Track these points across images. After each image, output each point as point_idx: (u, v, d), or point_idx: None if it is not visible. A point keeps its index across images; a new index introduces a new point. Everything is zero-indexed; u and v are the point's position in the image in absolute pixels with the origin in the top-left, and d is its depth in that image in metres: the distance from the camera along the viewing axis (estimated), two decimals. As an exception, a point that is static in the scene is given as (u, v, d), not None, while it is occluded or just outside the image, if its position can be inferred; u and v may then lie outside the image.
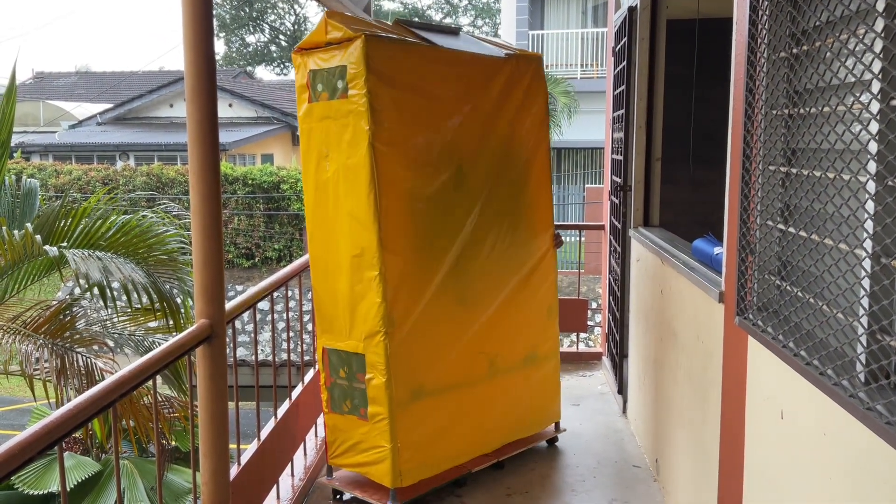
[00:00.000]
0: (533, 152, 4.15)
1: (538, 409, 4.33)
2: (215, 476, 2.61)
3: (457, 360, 3.74)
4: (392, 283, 3.37)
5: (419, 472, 3.57)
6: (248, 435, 3.38)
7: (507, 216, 3.99)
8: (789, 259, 2.20)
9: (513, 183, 4.05)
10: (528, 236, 4.13)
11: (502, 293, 3.95)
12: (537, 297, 4.18)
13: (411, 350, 3.48)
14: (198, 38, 2.39)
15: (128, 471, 6.13)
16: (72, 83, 32.16)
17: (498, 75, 3.89)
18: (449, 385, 3.71)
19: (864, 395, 1.66)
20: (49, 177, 18.46)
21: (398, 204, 3.44)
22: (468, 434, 3.87)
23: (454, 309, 3.72)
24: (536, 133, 4.14)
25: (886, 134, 1.62)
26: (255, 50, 40.03)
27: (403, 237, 3.46)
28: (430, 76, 3.60)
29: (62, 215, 5.34)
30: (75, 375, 4.97)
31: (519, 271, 4.06)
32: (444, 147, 3.65)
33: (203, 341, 2.53)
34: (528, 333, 4.15)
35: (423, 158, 3.57)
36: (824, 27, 1.96)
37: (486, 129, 3.87)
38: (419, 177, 3.55)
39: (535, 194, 4.19)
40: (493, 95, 3.88)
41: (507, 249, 3.99)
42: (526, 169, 4.12)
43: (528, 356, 4.15)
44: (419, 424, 3.55)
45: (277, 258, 18.74)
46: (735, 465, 2.62)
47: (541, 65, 4.17)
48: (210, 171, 2.47)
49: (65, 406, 1.89)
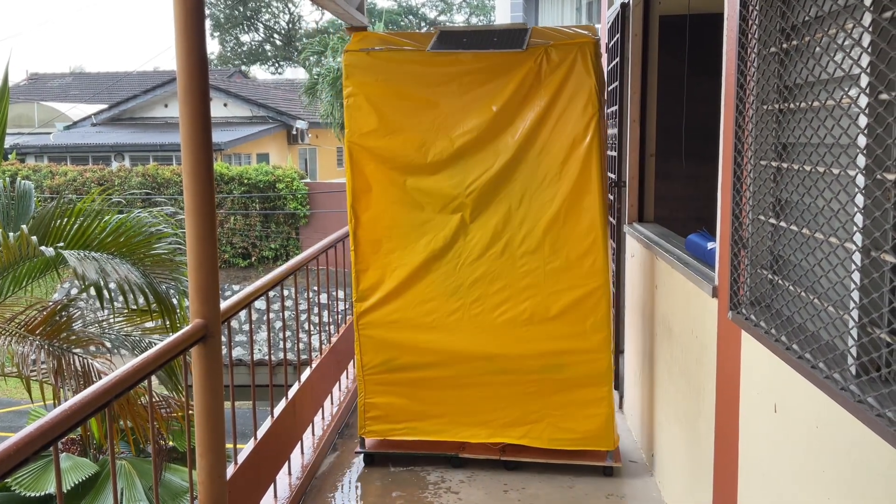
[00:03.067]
0: (572, 149, 3.76)
1: (571, 426, 3.97)
2: (212, 475, 2.61)
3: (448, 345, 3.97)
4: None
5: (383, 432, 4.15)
6: (246, 434, 3.38)
7: (522, 226, 3.85)
8: (781, 253, 2.21)
9: (541, 185, 3.81)
10: (565, 253, 3.83)
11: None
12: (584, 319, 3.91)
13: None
14: (190, 38, 2.39)
15: (125, 471, 6.13)
16: (66, 84, 32.09)
17: (515, 71, 3.77)
18: (423, 363, 4.02)
19: (856, 388, 1.67)
20: (44, 178, 18.43)
21: (379, 198, 3.93)
22: (454, 414, 4.03)
23: (447, 301, 3.95)
24: (581, 127, 3.73)
25: (875, 128, 1.63)
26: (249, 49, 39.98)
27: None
28: (412, 80, 3.90)
29: (57, 216, 5.34)
30: (72, 376, 4.97)
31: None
32: (428, 143, 3.87)
33: (198, 341, 2.53)
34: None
35: (404, 155, 3.90)
36: (813, 22, 1.97)
37: (500, 124, 3.81)
38: (399, 173, 3.92)
39: (573, 201, 3.79)
40: (507, 91, 3.78)
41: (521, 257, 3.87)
42: (561, 169, 3.78)
43: (550, 364, 3.92)
44: (387, 391, 4.07)
45: (274, 257, 18.74)
46: (730, 458, 2.63)
47: (587, 52, 3.71)
48: (203, 170, 2.47)
49: (60, 407, 1.89)
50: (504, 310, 3.90)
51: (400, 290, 3.99)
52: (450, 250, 3.93)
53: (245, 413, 3.56)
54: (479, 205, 3.87)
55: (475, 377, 3.98)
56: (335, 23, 30.96)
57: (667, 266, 3.68)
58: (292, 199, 18.87)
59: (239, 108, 25.10)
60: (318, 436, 4.28)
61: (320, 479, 4.04)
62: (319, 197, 19.66)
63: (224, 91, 25.15)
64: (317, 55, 24.81)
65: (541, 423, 3.96)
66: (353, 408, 4.97)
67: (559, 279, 3.83)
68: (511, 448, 4.07)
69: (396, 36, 4.10)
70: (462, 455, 4.11)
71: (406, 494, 3.87)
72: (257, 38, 39.79)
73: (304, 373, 4.19)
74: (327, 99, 22.44)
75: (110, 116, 25.40)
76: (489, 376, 3.97)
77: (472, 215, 3.89)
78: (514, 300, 3.89)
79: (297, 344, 4.24)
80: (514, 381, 3.95)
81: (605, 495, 3.83)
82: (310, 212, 19.27)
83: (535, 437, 3.98)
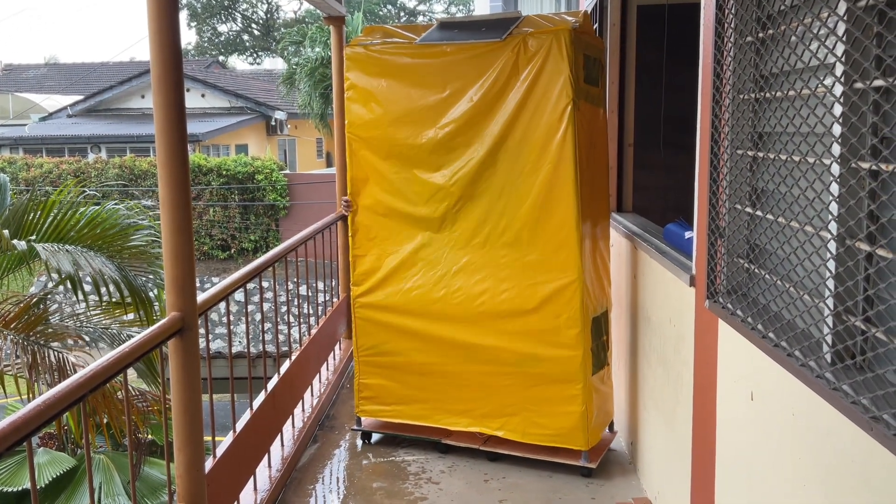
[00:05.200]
0: (546, 139, 3.68)
1: (544, 422, 3.91)
2: (190, 469, 2.60)
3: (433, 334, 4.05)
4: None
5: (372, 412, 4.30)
6: (226, 427, 3.36)
7: (502, 217, 3.83)
8: (758, 242, 2.22)
9: (520, 177, 3.76)
10: (541, 246, 3.78)
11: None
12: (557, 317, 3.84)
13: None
14: (163, 27, 2.37)
15: (104, 465, 6.09)
16: (41, 75, 31.71)
17: (495, 61, 3.74)
18: (409, 349, 4.11)
19: (831, 376, 1.69)
20: (19, 170, 18.21)
21: (374, 187, 4.07)
22: (436, 401, 4.10)
23: (432, 289, 4.02)
24: (556, 117, 3.64)
25: (849, 117, 1.64)
26: (227, 39, 39.67)
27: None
28: (403, 72, 3.96)
29: (31, 209, 5.28)
30: (47, 370, 4.92)
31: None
32: (416, 134, 3.91)
33: (175, 334, 2.51)
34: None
35: (395, 146, 3.98)
36: (789, 11, 1.97)
37: (480, 115, 3.80)
38: (390, 164, 4.00)
39: (548, 194, 3.72)
40: (487, 82, 3.75)
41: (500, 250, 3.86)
42: (538, 160, 3.72)
43: (526, 357, 3.89)
44: (378, 374, 4.21)
45: (254, 249, 18.64)
46: (707, 445, 2.65)
47: (562, 39, 3.59)
48: (179, 161, 2.44)
49: (33, 402, 1.87)
50: (483, 301, 3.90)
51: (390, 276, 4.08)
52: (436, 240, 3.97)
53: (224, 406, 3.54)
54: (464, 195, 3.88)
55: (456, 366, 3.99)
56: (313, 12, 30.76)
57: (645, 256, 3.70)
58: (272, 191, 18.77)
59: (217, 99, 24.91)
60: (299, 428, 4.26)
61: (301, 471, 4.03)
62: (299, 188, 19.57)
63: (202, 81, 24.95)
64: (295, 45, 24.66)
65: (517, 417, 3.94)
66: (334, 400, 4.96)
67: (535, 272, 3.80)
68: (493, 439, 4.07)
69: (402, 29, 4.19)
70: (446, 441, 4.13)
71: (387, 485, 3.87)
72: (235, 27, 39.48)
73: (284, 365, 4.17)
74: (305, 89, 22.31)
75: (86, 107, 25.13)
76: (469, 366, 3.97)
77: (456, 206, 3.90)
78: (492, 291, 3.89)
79: (276, 336, 4.22)
80: (493, 372, 3.94)
81: (585, 484, 3.85)
82: (289, 203, 19.17)
83: (511, 430, 3.97)
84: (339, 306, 5.50)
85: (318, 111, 22.40)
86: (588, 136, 3.80)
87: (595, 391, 3.90)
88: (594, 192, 3.92)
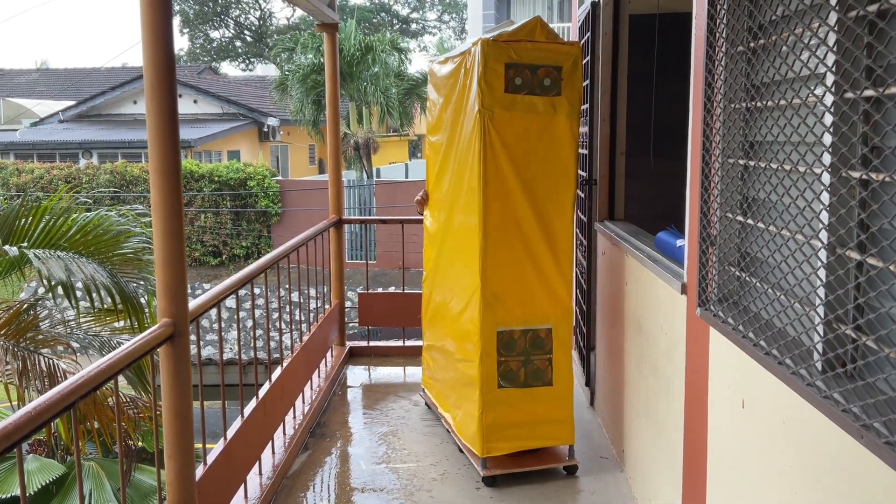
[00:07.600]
0: (467, 150, 3.86)
1: (469, 421, 3.99)
2: (180, 476, 2.59)
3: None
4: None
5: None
6: (217, 434, 3.35)
7: (456, 226, 4.12)
8: (749, 250, 2.23)
9: (468, 191, 3.89)
10: (464, 254, 4.00)
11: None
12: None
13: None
14: (157, 33, 2.37)
15: (94, 472, 6.05)
16: (33, 80, 31.63)
17: (460, 73, 3.97)
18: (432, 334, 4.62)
19: (822, 384, 1.69)
20: (10, 176, 18.15)
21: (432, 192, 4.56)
22: (442, 388, 4.49)
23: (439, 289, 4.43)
24: (471, 126, 3.77)
25: (840, 126, 1.65)
26: (219, 45, 39.67)
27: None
28: (441, 85, 4.30)
29: (22, 214, 5.25)
30: (37, 377, 4.89)
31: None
32: (440, 144, 4.33)
33: (166, 340, 2.50)
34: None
35: (434, 156, 4.48)
36: (780, 21, 1.99)
37: (454, 130, 4.07)
38: (435, 172, 4.44)
39: (467, 202, 3.90)
40: (456, 91, 4.02)
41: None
42: (461, 169, 3.95)
43: (461, 354, 4.14)
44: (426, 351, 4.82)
45: (245, 255, 18.62)
46: (698, 453, 2.65)
47: (472, 52, 3.72)
48: (171, 167, 2.44)
49: (23, 408, 1.86)
50: (447, 301, 4.29)
51: (431, 272, 4.59)
52: (443, 246, 4.36)
53: (215, 413, 3.53)
54: (454, 207, 4.13)
55: (454, 358, 4.22)
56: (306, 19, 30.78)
57: (637, 263, 3.70)
58: (264, 197, 18.76)
59: (209, 105, 24.87)
60: (290, 435, 4.24)
61: (291, 478, 4.01)
62: (291, 195, 19.56)
63: (194, 87, 24.91)
64: (288, 52, 24.63)
65: (460, 410, 4.14)
66: (326, 407, 4.95)
67: (463, 278, 4.03)
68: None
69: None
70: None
71: (379, 493, 3.85)
72: (227, 34, 39.48)
73: (275, 372, 4.16)
74: (298, 96, 22.28)
75: (78, 113, 25.06)
76: (449, 360, 4.29)
77: (450, 215, 4.22)
78: (456, 299, 4.14)
79: (267, 343, 4.21)
80: (452, 367, 4.25)
81: (575, 491, 3.84)
82: (282, 209, 19.15)
83: (458, 423, 4.17)
84: (331, 313, 5.49)
85: (311, 118, 22.37)
86: (521, 144, 3.76)
87: (508, 406, 3.87)
88: (537, 201, 3.81)
